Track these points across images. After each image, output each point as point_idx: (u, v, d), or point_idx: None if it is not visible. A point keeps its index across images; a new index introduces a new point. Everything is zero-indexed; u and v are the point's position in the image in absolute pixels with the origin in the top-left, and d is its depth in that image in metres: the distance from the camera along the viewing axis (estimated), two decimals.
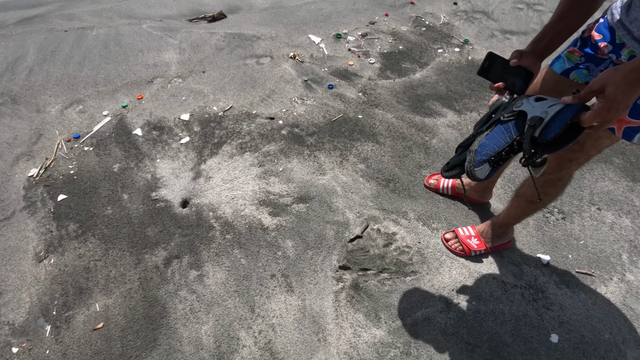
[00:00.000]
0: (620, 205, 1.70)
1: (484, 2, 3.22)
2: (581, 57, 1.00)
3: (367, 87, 2.31)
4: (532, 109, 0.79)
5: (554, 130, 0.74)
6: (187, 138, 1.94)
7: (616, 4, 0.94)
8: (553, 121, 0.75)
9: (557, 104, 0.77)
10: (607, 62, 0.97)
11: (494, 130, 0.84)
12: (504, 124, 0.83)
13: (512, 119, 0.82)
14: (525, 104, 0.81)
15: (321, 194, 1.70)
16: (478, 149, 0.83)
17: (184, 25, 2.95)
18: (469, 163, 0.83)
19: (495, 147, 0.81)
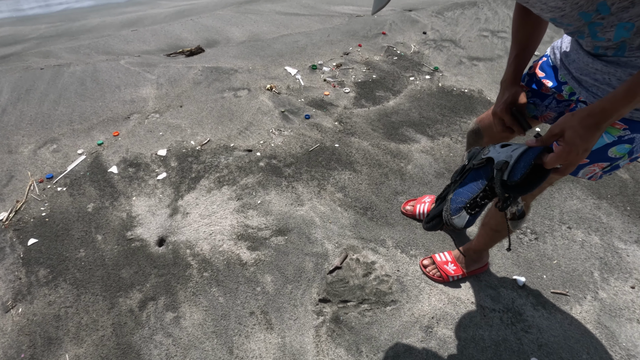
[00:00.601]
0: (589, 223, 1.76)
1: (451, 31, 3.39)
2: (528, 92, 1.07)
3: (342, 116, 2.37)
4: (498, 154, 0.84)
5: (520, 171, 0.77)
6: (164, 174, 1.93)
7: (557, 43, 1.02)
8: (518, 163, 0.78)
9: (520, 147, 0.81)
10: (550, 98, 1.04)
11: (467, 178, 0.88)
12: (474, 171, 0.87)
13: (482, 166, 0.86)
14: (492, 150, 0.86)
15: (299, 226, 1.71)
16: (453, 197, 0.86)
17: (162, 60, 3.00)
18: (445, 212, 0.85)
19: (469, 194, 0.84)
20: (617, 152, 0.88)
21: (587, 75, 0.88)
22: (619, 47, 0.77)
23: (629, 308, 1.45)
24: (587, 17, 0.73)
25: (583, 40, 0.83)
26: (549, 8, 0.74)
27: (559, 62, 0.98)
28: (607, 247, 1.66)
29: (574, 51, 0.91)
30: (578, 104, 0.95)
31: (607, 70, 0.82)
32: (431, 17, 3.61)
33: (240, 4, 4.41)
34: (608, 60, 0.82)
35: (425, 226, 0.91)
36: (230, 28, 3.63)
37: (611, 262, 1.60)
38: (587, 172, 0.95)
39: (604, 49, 0.80)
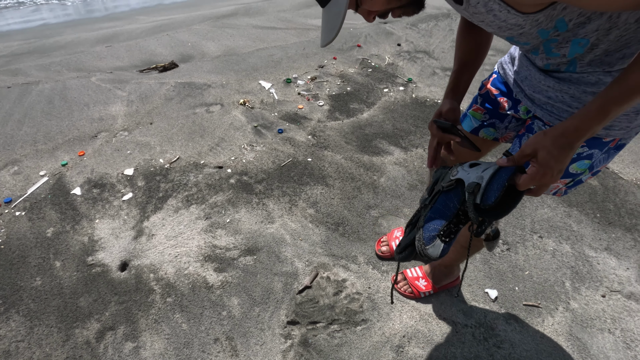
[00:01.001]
0: (560, 232, 1.76)
1: (425, 42, 3.44)
2: (485, 114, 1.04)
3: (316, 130, 2.36)
4: (467, 175, 0.78)
5: (493, 194, 0.71)
6: (130, 194, 1.87)
7: (505, 59, 1.01)
8: (490, 185, 0.73)
9: (490, 168, 0.76)
10: (509, 118, 1.02)
11: (437, 202, 0.81)
12: (444, 194, 0.81)
13: (452, 188, 0.80)
14: (461, 171, 0.80)
15: (269, 244, 1.66)
16: (425, 224, 0.79)
17: (135, 76, 2.95)
18: (418, 242, 0.78)
19: (442, 221, 0.78)
20: (578, 168, 0.88)
21: (539, 93, 0.87)
22: (570, 62, 0.77)
23: (600, 318, 1.44)
24: (544, 34, 0.72)
25: (537, 57, 0.82)
26: (507, 26, 0.72)
27: (512, 80, 0.97)
28: (578, 255, 1.66)
29: (524, 68, 0.90)
30: (534, 120, 0.93)
31: (560, 88, 0.82)
32: (405, 29, 3.66)
33: (217, 19, 4.41)
34: (560, 77, 0.81)
35: (398, 257, 0.84)
36: (206, 43, 3.61)
37: (582, 270, 1.60)
38: (551, 188, 0.95)
39: (555, 65, 0.80)
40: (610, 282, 1.56)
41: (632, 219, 1.83)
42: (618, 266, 1.62)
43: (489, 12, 0.70)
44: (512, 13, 0.67)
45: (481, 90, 1.06)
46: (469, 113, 1.09)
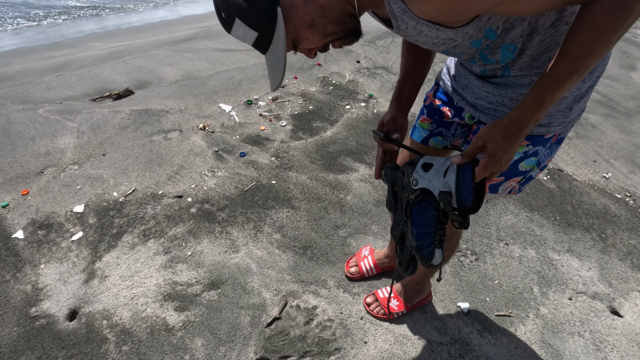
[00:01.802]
0: (524, 237, 1.79)
1: (383, 58, 3.52)
2: (432, 124, 1.07)
3: (279, 151, 2.31)
4: (430, 183, 0.78)
5: (468, 197, 0.73)
6: (80, 233, 1.73)
7: (443, 71, 1.04)
8: (460, 189, 0.74)
9: (448, 169, 0.75)
10: (455, 125, 1.04)
11: (414, 215, 0.82)
12: (416, 205, 0.81)
13: (420, 198, 0.81)
14: (420, 179, 0.80)
15: (234, 275, 1.57)
16: (418, 243, 0.80)
17: (87, 105, 2.81)
18: (422, 260, 0.80)
19: (431, 232, 0.79)
20: (527, 165, 0.93)
21: (481, 99, 0.91)
22: (504, 68, 0.81)
23: (569, 321, 1.45)
24: (477, 44, 0.75)
25: (474, 64, 0.85)
26: (441, 41, 0.74)
27: (450, 89, 0.99)
28: (542, 259, 1.69)
29: (462, 76, 0.93)
30: (480, 125, 0.96)
31: (498, 92, 0.86)
32: (364, 46, 3.74)
33: (176, 43, 4.33)
34: (497, 82, 0.85)
35: (405, 274, 0.88)
36: (163, 68, 3.52)
37: (548, 274, 1.62)
38: (505, 187, 0.99)
39: (492, 70, 0.83)
40: (575, 283, 1.59)
41: (589, 219, 1.90)
42: (581, 267, 1.66)
43: (419, 34, 0.71)
44: (441, 30, 0.69)
45: (426, 101, 1.10)
46: (417, 124, 1.13)
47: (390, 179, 0.90)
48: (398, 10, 0.66)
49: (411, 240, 0.81)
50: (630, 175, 2.19)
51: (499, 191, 1.00)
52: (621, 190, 2.08)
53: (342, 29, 0.72)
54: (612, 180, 2.15)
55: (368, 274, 1.57)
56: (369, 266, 1.56)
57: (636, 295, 1.55)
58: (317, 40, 0.72)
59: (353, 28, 0.73)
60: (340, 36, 0.73)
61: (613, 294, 1.55)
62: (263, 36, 0.70)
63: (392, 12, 0.67)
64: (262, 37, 0.71)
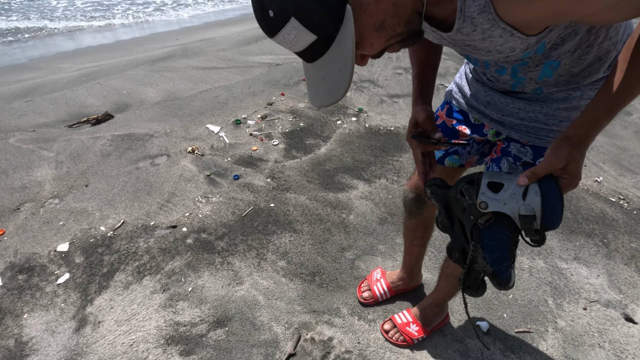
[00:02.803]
0: (531, 247, 1.78)
1: (368, 71, 3.54)
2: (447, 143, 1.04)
3: (274, 171, 2.24)
4: (505, 206, 0.71)
5: (557, 218, 0.67)
6: (66, 275, 1.59)
7: (453, 89, 1.02)
8: (547, 212, 0.68)
9: (530, 192, 0.69)
10: (471, 142, 1.02)
11: (484, 239, 0.75)
12: (487, 230, 0.75)
13: (491, 221, 0.74)
14: (490, 202, 0.73)
15: (241, 310, 1.47)
16: (495, 269, 0.73)
17: (63, 132, 2.65)
18: (499, 285, 0.74)
19: (506, 256, 0.74)
20: None
21: (510, 116, 0.88)
22: (536, 89, 0.79)
23: (588, 333, 1.43)
24: (526, 55, 0.71)
25: (500, 77, 0.81)
26: (499, 50, 0.68)
27: (466, 107, 0.97)
28: (552, 269, 1.68)
29: (482, 93, 0.91)
30: (510, 142, 0.93)
31: (532, 109, 0.83)
32: None
33: (153, 62, 4.20)
34: (527, 97, 0.83)
35: (475, 295, 0.82)
36: (143, 89, 3.39)
37: (559, 285, 1.61)
38: None
39: (522, 86, 0.80)
40: (587, 292, 1.59)
41: (590, 224, 1.92)
42: (589, 275, 1.66)
43: (484, 39, 0.65)
44: (515, 36, 0.63)
45: (437, 121, 1.06)
46: None
47: (441, 198, 0.82)
48: (474, 10, 0.59)
49: (485, 267, 0.74)
50: (620, 178, 2.25)
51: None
52: (614, 194, 2.13)
53: (408, 30, 0.63)
54: (604, 184, 2.20)
55: (382, 298, 1.50)
56: (383, 290, 1.50)
57: None
58: (381, 44, 0.63)
59: (417, 28, 0.65)
60: (403, 38, 0.64)
61: (625, 301, 1.55)
62: (321, 41, 0.58)
63: (461, 11, 0.60)
64: (319, 42, 0.59)
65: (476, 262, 0.76)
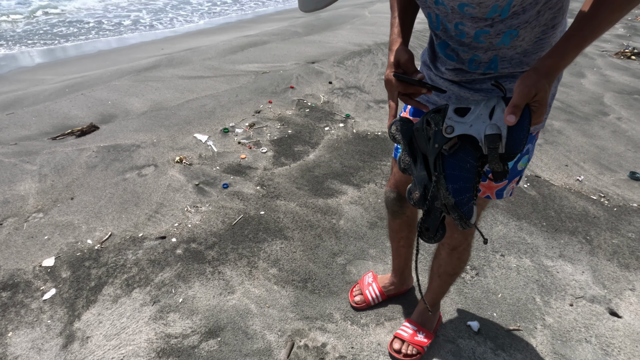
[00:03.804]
0: (517, 246, 1.83)
1: (354, 77, 3.58)
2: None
3: (264, 179, 2.24)
4: (471, 128, 0.70)
5: (521, 140, 0.65)
6: (52, 291, 1.55)
7: None
8: (514, 132, 0.66)
9: (496, 110, 0.69)
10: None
11: (448, 168, 0.72)
12: (450, 157, 0.72)
13: (457, 148, 0.72)
14: (456, 125, 0.71)
15: (233, 319, 1.46)
16: (457, 199, 0.71)
17: (46, 145, 2.60)
18: (460, 220, 0.71)
19: (469, 187, 0.71)
20: (522, 164, 0.98)
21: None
22: (492, 60, 0.83)
23: (575, 328, 1.47)
24: (492, 13, 0.72)
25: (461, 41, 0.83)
26: None
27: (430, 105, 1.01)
28: (539, 267, 1.72)
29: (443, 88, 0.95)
30: None
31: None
32: (333, 67, 3.79)
33: (138, 72, 4.17)
34: (485, 88, 0.88)
35: (434, 240, 0.77)
36: (128, 99, 3.35)
37: (546, 282, 1.65)
38: (508, 190, 1.02)
39: (478, 60, 0.84)
40: (573, 288, 1.63)
41: (573, 222, 1.97)
42: (574, 271, 1.70)
43: None
44: None
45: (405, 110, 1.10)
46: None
47: (406, 132, 0.79)
48: None
49: (447, 198, 0.71)
50: (600, 177, 2.32)
51: (503, 196, 1.03)
52: (595, 192, 2.19)
53: None
54: (585, 183, 2.27)
55: (374, 302, 1.51)
56: (375, 295, 1.50)
57: (629, 294, 1.61)
58: None
59: None
60: None
61: (609, 295, 1.60)
62: None
63: None
64: None
65: (437, 198, 0.74)
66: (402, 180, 1.17)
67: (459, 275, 1.30)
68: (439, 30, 0.85)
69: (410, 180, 1.15)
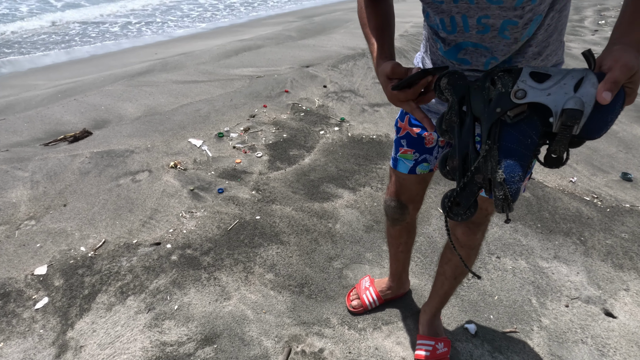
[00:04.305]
0: (513, 248, 1.84)
1: (348, 81, 3.59)
2: (415, 154, 1.06)
3: (259, 183, 2.23)
4: (549, 97, 0.57)
5: (605, 124, 0.54)
6: (45, 300, 1.53)
7: None
8: (599, 113, 0.54)
9: (585, 83, 0.55)
10: (436, 148, 1.05)
11: (505, 139, 0.60)
12: (513, 127, 0.60)
13: (522, 116, 0.59)
14: (530, 91, 0.58)
15: (230, 326, 1.45)
16: (507, 176, 0.59)
17: (38, 151, 2.57)
18: (505, 200, 0.59)
19: (524, 165, 0.59)
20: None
21: None
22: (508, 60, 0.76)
23: (571, 329, 1.47)
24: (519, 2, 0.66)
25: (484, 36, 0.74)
26: None
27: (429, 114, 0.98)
28: (534, 269, 1.73)
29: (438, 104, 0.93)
30: None
31: None
32: (328, 70, 3.80)
33: (132, 77, 4.15)
34: None
35: (459, 218, 0.66)
36: (122, 104, 3.33)
37: (542, 284, 1.66)
38: (523, 188, 0.97)
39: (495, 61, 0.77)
40: (568, 289, 1.64)
41: (567, 224, 1.99)
42: (569, 272, 1.71)
43: None
44: None
45: (400, 132, 1.08)
46: (399, 157, 1.10)
47: (459, 89, 0.66)
48: None
49: (496, 172, 0.59)
50: (592, 178, 2.35)
51: (522, 191, 0.94)
52: (588, 193, 2.21)
53: None
54: (579, 184, 2.29)
55: (371, 306, 1.51)
56: (372, 299, 1.50)
57: (623, 294, 1.62)
58: None
59: None
60: None
61: (603, 296, 1.61)
62: None
63: None
64: None
65: (480, 171, 0.63)
66: (403, 188, 1.14)
67: (465, 275, 1.26)
68: (454, 32, 0.76)
69: (411, 189, 1.14)
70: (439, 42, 0.83)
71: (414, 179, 1.11)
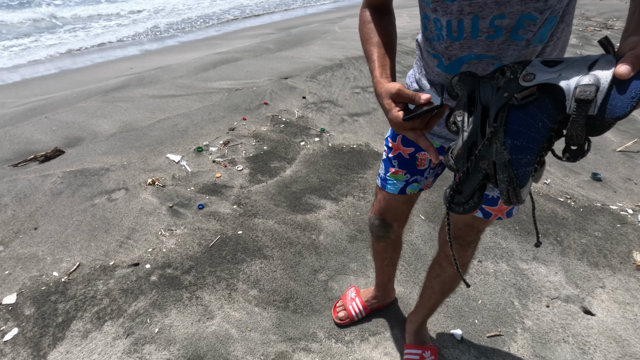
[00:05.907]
0: (494, 252, 1.87)
1: (327, 92, 3.62)
2: (406, 174, 1.05)
3: (240, 197, 2.20)
4: (559, 77, 0.52)
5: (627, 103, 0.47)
6: (14, 330, 1.44)
7: None
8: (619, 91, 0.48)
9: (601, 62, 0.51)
10: (428, 169, 1.05)
11: (512, 122, 0.56)
12: (521, 109, 0.56)
13: (533, 99, 0.55)
14: (539, 73, 0.54)
15: (214, 347, 1.41)
16: (513, 157, 0.55)
17: (6, 172, 2.46)
18: (509, 184, 0.55)
19: (533, 149, 0.55)
20: None
21: None
22: None
23: (553, 329, 1.50)
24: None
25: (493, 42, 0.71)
26: None
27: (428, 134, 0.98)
28: (515, 271, 1.76)
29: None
30: None
31: None
32: (306, 82, 3.82)
33: (107, 93, 4.05)
34: None
35: (464, 209, 0.61)
36: (96, 121, 3.24)
37: (523, 285, 1.69)
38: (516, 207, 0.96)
39: None
40: (548, 290, 1.68)
41: (543, 224, 2.05)
42: (548, 273, 1.76)
43: None
44: None
45: (391, 152, 1.05)
46: (388, 177, 1.08)
47: (469, 83, 0.63)
48: None
49: (500, 153, 0.56)
50: (565, 179, 2.43)
51: (512, 213, 0.96)
52: (562, 194, 2.29)
53: None
54: (552, 186, 2.36)
55: (357, 317, 1.50)
56: (358, 309, 1.49)
57: (600, 291, 1.67)
58: None
59: None
60: None
61: (581, 294, 1.65)
62: None
63: None
64: None
65: (485, 157, 0.58)
66: (388, 207, 1.13)
67: (453, 289, 1.26)
68: (460, 39, 0.72)
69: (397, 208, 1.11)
70: (437, 58, 0.79)
71: (400, 199, 1.09)
